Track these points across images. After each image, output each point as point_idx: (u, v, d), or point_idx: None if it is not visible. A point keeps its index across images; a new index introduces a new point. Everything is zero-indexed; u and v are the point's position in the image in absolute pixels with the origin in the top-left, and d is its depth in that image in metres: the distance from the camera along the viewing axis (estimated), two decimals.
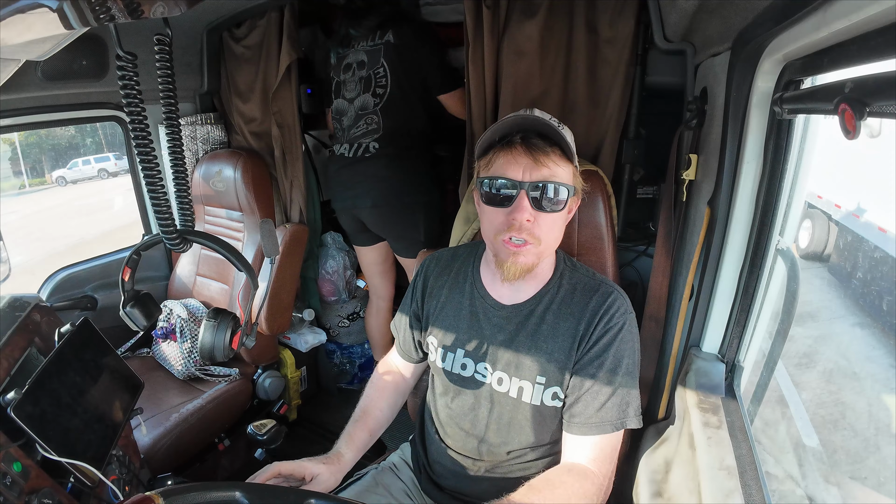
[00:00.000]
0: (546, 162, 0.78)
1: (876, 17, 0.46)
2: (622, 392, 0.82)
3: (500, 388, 0.89)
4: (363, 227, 1.80)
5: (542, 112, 0.85)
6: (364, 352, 2.32)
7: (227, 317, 0.88)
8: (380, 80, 1.62)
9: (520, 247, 0.80)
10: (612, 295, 0.86)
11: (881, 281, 3.33)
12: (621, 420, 0.82)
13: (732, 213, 0.89)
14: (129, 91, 0.65)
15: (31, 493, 0.73)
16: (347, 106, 1.69)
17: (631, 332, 0.85)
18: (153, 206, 0.74)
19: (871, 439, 2.40)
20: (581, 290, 0.88)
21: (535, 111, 0.84)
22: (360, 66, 1.65)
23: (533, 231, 0.79)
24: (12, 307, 0.96)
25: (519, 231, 0.79)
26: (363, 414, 1.02)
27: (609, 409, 0.82)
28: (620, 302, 0.86)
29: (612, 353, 0.83)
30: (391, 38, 1.59)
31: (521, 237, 0.79)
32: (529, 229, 0.79)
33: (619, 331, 0.83)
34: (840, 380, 2.86)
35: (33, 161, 11.06)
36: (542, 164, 0.78)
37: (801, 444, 2.37)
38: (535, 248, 0.81)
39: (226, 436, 1.68)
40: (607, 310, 0.84)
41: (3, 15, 0.45)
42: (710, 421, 0.85)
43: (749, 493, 0.72)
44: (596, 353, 0.83)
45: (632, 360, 0.84)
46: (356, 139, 1.67)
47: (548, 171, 0.78)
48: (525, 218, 0.78)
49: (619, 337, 0.83)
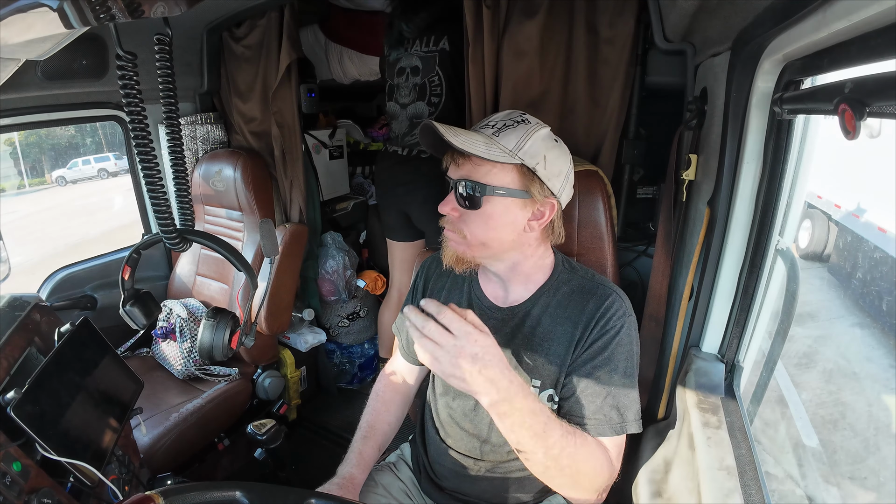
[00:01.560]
0: (463, 163, 0.82)
1: (876, 18, 0.46)
2: (619, 394, 0.81)
3: None
4: (408, 222, 1.81)
5: (511, 112, 0.87)
6: (364, 352, 2.32)
7: (227, 316, 0.88)
8: (434, 90, 1.61)
9: (447, 232, 0.87)
10: (609, 297, 0.85)
11: (881, 281, 3.33)
12: (621, 424, 0.80)
13: (732, 214, 0.89)
14: (129, 91, 0.65)
15: (30, 492, 0.73)
16: (400, 111, 1.70)
17: (629, 336, 0.84)
18: (153, 206, 0.74)
19: (870, 439, 2.41)
20: (578, 292, 0.87)
21: (498, 115, 0.88)
22: (413, 71, 1.63)
23: (455, 224, 0.85)
24: (12, 307, 0.96)
25: (446, 222, 0.87)
26: (370, 430, 1.01)
27: (605, 411, 0.80)
28: (619, 304, 0.85)
29: (609, 356, 0.81)
30: (446, 46, 1.56)
31: (448, 227, 0.87)
32: (453, 222, 0.86)
33: (616, 334, 0.82)
34: (840, 380, 2.86)
35: (33, 161, 11.05)
36: (460, 165, 0.83)
37: (800, 444, 2.37)
38: (461, 240, 0.85)
39: (225, 435, 1.68)
40: (604, 313, 0.83)
41: (3, 14, 0.45)
42: (709, 421, 0.85)
43: (749, 493, 0.72)
44: (591, 354, 0.82)
45: (630, 364, 0.83)
46: (410, 145, 1.69)
47: (464, 170, 0.82)
48: (447, 210, 0.85)
49: (617, 340, 0.82)
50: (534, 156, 0.81)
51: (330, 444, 2.00)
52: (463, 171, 0.82)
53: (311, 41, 2.06)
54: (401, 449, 1.15)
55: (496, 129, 0.83)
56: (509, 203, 0.82)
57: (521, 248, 0.87)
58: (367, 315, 2.28)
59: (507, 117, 0.85)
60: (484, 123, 0.86)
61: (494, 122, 0.85)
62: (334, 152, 2.15)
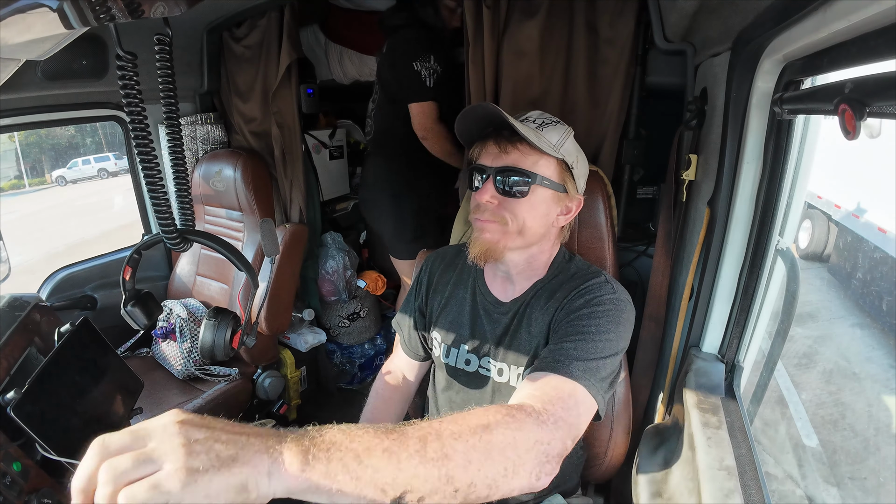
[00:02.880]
0: (510, 151, 0.83)
1: (876, 18, 0.46)
2: (587, 350, 0.74)
3: (500, 378, 0.91)
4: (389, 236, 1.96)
5: (542, 113, 0.89)
6: (364, 352, 2.31)
7: (228, 316, 0.88)
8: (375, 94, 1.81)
9: (484, 222, 0.85)
10: (598, 278, 0.86)
11: (881, 281, 3.33)
12: (583, 377, 0.70)
13: (732, 214, 0.90)
14: (130, 91, 0.65)
15: (30, 492, 0.73)
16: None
17: (612, 312, 0.80)
18: (153, 206, 0.74)
19: (870, 440, 2.41)
20: (571, 277, 0.89)
21: (532, 112, 0.90)
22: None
23: (496, 211, 0.85)
24: (12, 307, 0.96)
25: (483, 212, 0.86)
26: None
27: (567, 358, 0.72)
28: (607, 287, 0.84)
29: (584, 318, 0.79)
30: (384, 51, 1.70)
31: (485, 216, 0.86)
32: (492, 209, 0.85)
33: (596, 304, 0.80)
34: (840, 380, 2.86)
35: (33, 161, 11.05)
36: (507, 153, 0.83)
37: (800, 444, 2.37)
38: (500, 227, 0.85)
39: None
40: (588, 287, 0.84)
41: (3, 15, 0.45)
42: (709, 421, 0.85)
43: (748, 493, 0.72)
44: (564, 314, 0.82)
45: (608, 336, 0.76)
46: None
47: (511, 158, 0.83)
48: (486, 199, 0.84)
49: (594, 310, 0.79)
50: (571, 153, 0.86)
51: None
52: (510, 159, 0.83)
53: (311, 41, 2.06)
54: None
55: (538, 124, 0.86)
56: (549, 195, 0.85)
57: (543, 242, 0.90)
58: (367, 315, 2.28)
59: (542, 116, 0.89)
60: (524, 117, 0.88)
61: (532, 117, 0.88)
62: (334, 152, 2.16)
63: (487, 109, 0.82)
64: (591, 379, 0.71)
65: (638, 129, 1.30)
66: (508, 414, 0.57)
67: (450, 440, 0.50)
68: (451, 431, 0.51)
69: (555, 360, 0.73)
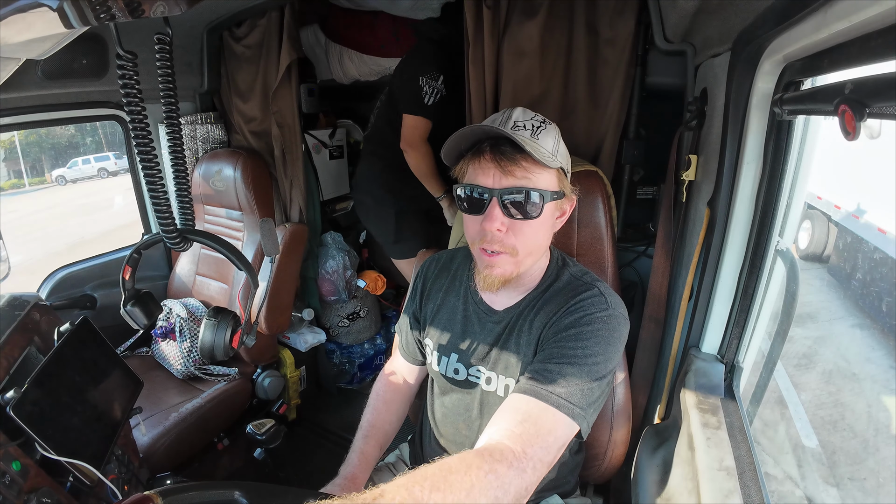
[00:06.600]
0: (514, 169, 0.75)
1: (876, 19, 0.46)
2: (573, 375, 0.72)
3: (488, 387, 0.90)
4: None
5: (524, 111, 0.81)
6: (364, 352, 2.31)
7: (228, 315, 0.88)
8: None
9: (493, 257, 0.79)
10: (590, 290, 0.82)
11: (881, 282, 3.34)
12: (566, 406, 0.69)
13: (732, 214, 0.89)
14: (130, 90, 0.65)
15: (30, 491, 0.73)
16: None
17: (602, 332, 0.77)
18: (153, 206, 0.74)
19: (870, 440, 2.41)
20: (563, 287, 0.86)
21: (514, 113, 0.81)
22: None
23: (505, 241, 0.77)
24: (12, 306, 0.96)
25: (491, 242, 0.78)
26: (372, 429, 1.01)
27: (552, 384, 0.71)
28: (599, 302, 0.80)
29: (571, 339, 0.76)
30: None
31: (494, 248, 0.78)
32: (501, 239, 0.77)
33: (585, 324, 0.77)
34: (839, 381, 2.86)
35: (33, 160, 11.04)
36: (510, 172, 0.75)
37: (800, 444, 2.37)
38: (511, 258, 0.79)
39: (225, 435, 1.68)
40: (579, 304, 0.80)
41: (4, 14, 0.45)
42: (709, 421, 0.85)
43: (748, 493, 0.72)
44: (553, 331, 0.80)
45: (595, 360, 0.74)
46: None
47: (516, 178, 0.75)
48: (496, 227, 0.76)
49: (583, 330, 0.76)
50: (565, 156, 0.82)
51: (329, 444, 2.00)
52: (517, 181, 0.75)
53: (311, 41, 2.06)
54: (399, 449, 1.15)
55: (531, 130, 0.78)
56: (554, 206, 0.80)
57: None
58: (367, 315, 2.28)
59: (527, 118, 0.80)
60: (512, 123, 0.78)
61: (521, 122, 0.79)
62: (334, 152, 2.16)
63: (484, 128, 0.76)
64: (576, 407, 0.70)
65: (638, 130, 1.30)
66: (491, 471, 0.57)
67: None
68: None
69: (539, 384, 0.71)
